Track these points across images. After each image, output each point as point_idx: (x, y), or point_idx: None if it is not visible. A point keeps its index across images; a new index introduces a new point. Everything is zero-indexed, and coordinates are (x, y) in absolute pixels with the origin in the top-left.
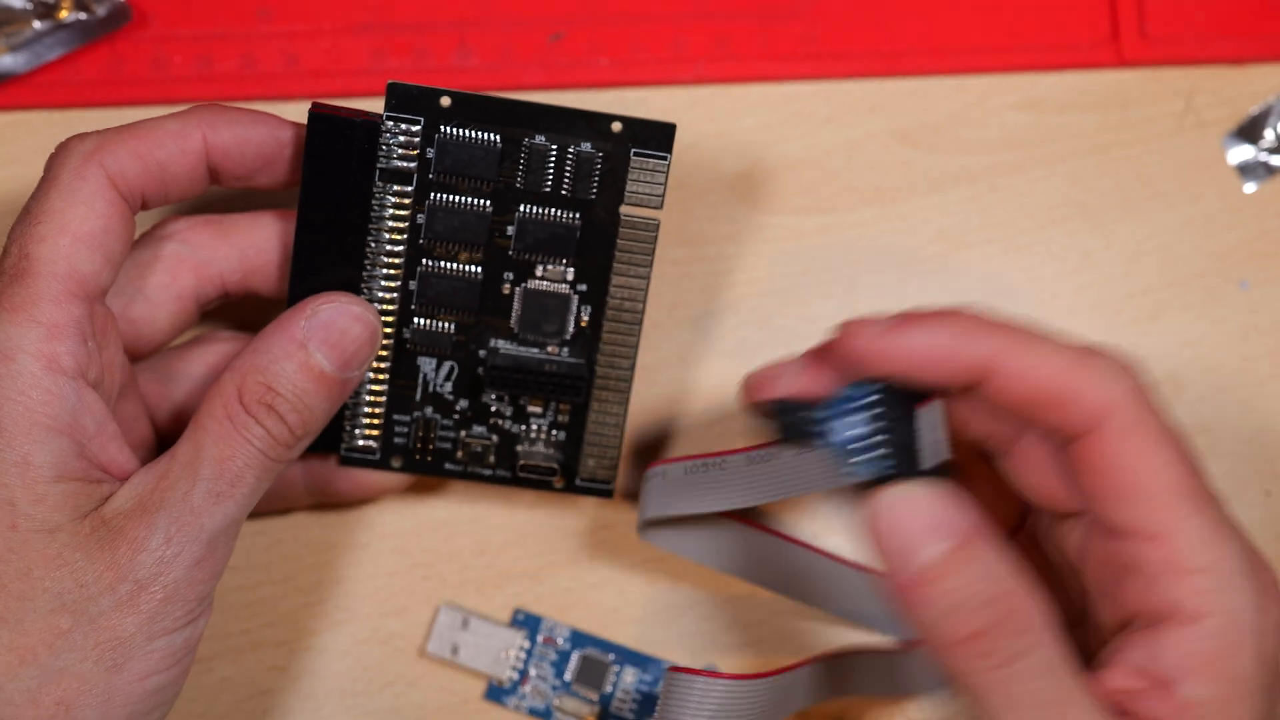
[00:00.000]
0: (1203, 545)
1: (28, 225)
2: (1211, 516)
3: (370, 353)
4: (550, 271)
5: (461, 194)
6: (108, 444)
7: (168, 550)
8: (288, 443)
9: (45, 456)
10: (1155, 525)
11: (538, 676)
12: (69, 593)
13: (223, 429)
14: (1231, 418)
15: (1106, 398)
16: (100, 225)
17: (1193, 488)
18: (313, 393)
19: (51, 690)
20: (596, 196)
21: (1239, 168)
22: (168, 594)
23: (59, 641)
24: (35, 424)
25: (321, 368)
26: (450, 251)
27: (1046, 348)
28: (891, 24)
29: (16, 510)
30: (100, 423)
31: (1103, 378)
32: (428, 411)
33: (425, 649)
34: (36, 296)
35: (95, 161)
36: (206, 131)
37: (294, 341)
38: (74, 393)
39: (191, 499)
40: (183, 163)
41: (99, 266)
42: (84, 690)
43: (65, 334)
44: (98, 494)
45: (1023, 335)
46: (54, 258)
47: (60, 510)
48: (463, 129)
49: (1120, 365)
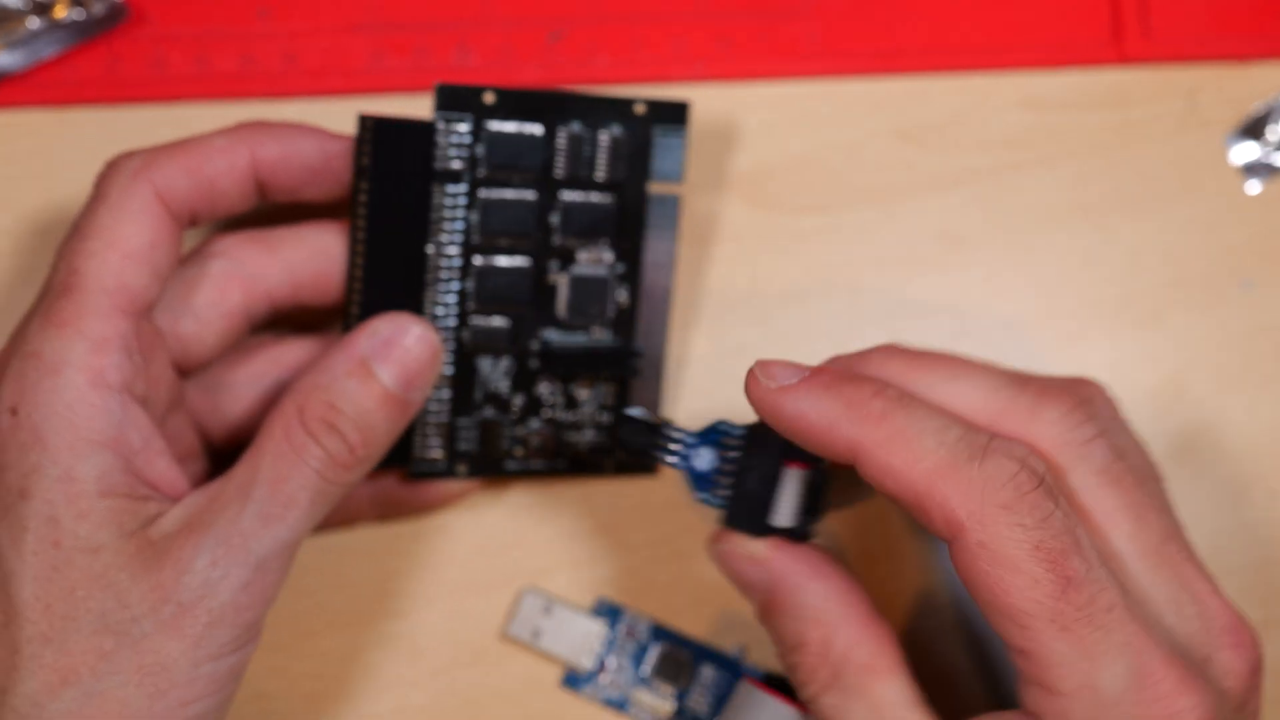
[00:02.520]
0: (1067, 670)
1: (76, 241)
2: (1080, 639)
3: (433, 373)
4: (591, 256)
5: (510, 187)
6: (155, 459)
7: (213, 572)
8: (347, 463)
9: (90, 471)
10: (1021, 644)
11: (616, 668)
12: (112, 613)
13: (279, 449)
14: (1235, 418)
15: (964, 510)
16: (148, 241)
17: (1057, 609)
18: (375, 412)
19: (92, 713)
20: (627, 177)
21: (1242, 167)
22: (212, 618)
23: (102, 664)
24: (80, 438)
25: (385, 386)
26: (501, 246)
27: (918, 445)
28: (892, 23)
29: (60, 527)
30: (147, 438)
31: (966, 487)
32: (488, 412)
33: (506, 631)
34: (83, 311)
35: (144, 178)
36: (254, 147)
37: (356, 360)
38: (120, 407)
39: (241, 521)
40: (231, 178)
41: (146, 282)
42: (125, 714)
43: (111, 348)
44: (144, 511)
45: (898, 427)
46: (101, 273)
47: (104, 528)
48: (506, 123)
49: (995, 470)
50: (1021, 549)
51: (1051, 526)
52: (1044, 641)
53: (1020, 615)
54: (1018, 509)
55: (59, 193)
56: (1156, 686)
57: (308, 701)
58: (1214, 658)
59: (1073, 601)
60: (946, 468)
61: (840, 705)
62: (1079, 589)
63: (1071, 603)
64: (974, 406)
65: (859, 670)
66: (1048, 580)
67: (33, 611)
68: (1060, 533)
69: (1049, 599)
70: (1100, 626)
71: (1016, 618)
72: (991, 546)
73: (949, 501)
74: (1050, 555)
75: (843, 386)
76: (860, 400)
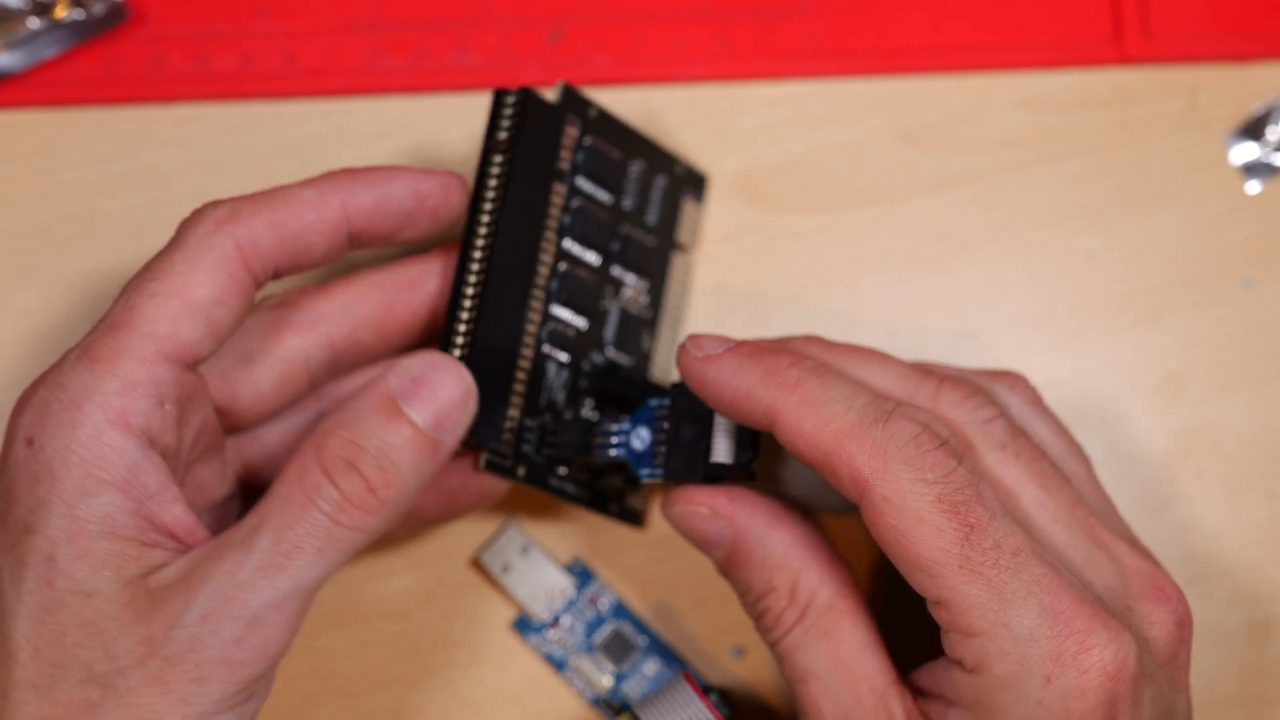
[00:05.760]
0: (980, 612)
1: (144, 279)
2: (989, 581)
3: (464, 417)
4: (634, 292)
5: (594, 202)
6: (170, 505)
7: (202, 627)
8: (366, 505)
9: (95, 511)
10: (934, 592)
11: (569, 629)
12: (99, 663)
13: (289, 493)
14: (1234, 418)
15: (868, 468)
16: (213, 295)
17: (964, 554)
18: (401, 449)
19: None
20: (663, 226)
21: (1242, 167)
22: (200, 674)
23: (87, 715)
24: (89, 475)
25: (413, 422)
26: (578, 258)
27: (828, 410)
28: (892, 22)
29: (56, 566)
30: (163, 484)
31: (871, 445)
32: (546, 420)
33: (478, 556)
34: (123, 351)
35: (227, 231)
36: (345, 198)
37: (384, 396)
38: (136, 450)
39: (240, 572)
40: (320, 230)
41: (200, 336)
42: None
43: (141, 393)
44: (148, 558)
45: (810, 394)
46: (157, 317)
47: (102, 571)
48: (600, 140)
49: (899, 430)
50: (924, 501)
51: (953, 481)
52: (954, 587)
53: (929, 564)
54: (919, 465)
55: (59, 193)
56: (1069, 624)
57: (307, 701)
58: (1134, 608)
59: (978, 546)
60: (853, 429)
61: (805, 644)
62: (983, 534)
63: (977, 547)
64: (883, 390)
65: (824, 610)
66: (951, 529)
67: (24, 654)
68: (962, 486)
69: (954, 545)
70: (1007, 569)
71: (926, 567)
72: (895, 501)
73: (854, 460)
74: (952, 505)
75: (763, 356)
76: (778, 369)
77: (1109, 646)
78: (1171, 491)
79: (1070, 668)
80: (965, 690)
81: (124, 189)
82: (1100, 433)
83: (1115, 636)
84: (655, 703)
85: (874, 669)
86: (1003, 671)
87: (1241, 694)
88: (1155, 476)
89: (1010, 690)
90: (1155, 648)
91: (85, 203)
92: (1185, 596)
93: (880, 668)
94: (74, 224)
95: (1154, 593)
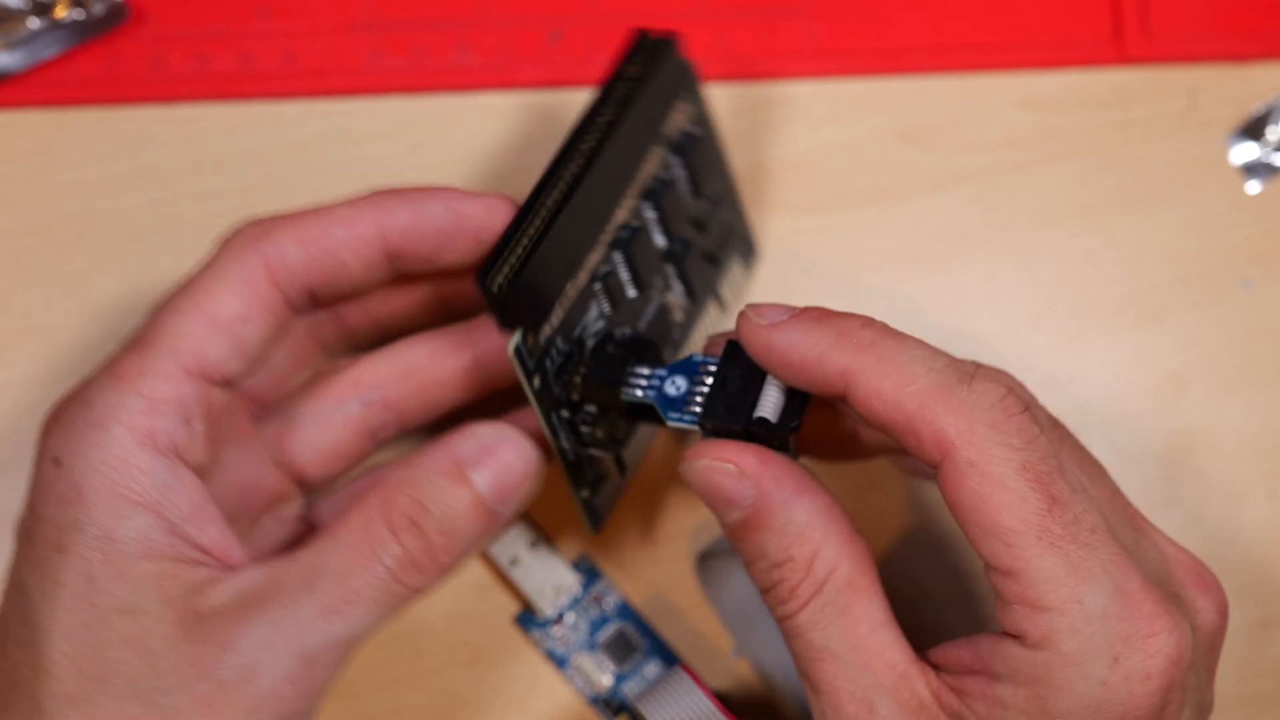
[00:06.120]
0: (1053, 586)
1: (172, 297)
2: (1066, 556)
3: (525, 493)
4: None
5: (676, 187)
6: (206, 526)
7: (259, 656)
8: (423, 566)
9: (128, 532)
10: (1007, 563)
11: (572, 626)
12: (142, 679)
13: (354, 539)
14: (1234, 418)
15: (953, 429)
16: (238, 312)
17: (1044, 526)
18: (463, 517)
19: None
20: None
21: (1242, 167)
22: (252, 704)
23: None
24: (119, 497)
25: (478, 492)
26: (649, 230)
27: (908, 370)
28: (893, 22)
29: (95, 586)
30: (197, 504)
31: (956, 406)
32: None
33: (487, 550)
34: (147, 369)
35: (255, 248)
36: (379, 215)
37: (453, 460)
38: (166, 469)
39: (298, 608)
40: (352, 247)
41: (225, 354)
42: None
43: (167, 411)
44: (192, 577)
45: (888, 354)
46: (180, 333)
47: (143, 590)
48: (701, 134)
49: (985, 392)
50: (1009, 467)
51: (1038, 448)
52: (1029, 559)
53: (1007, 533)
54: (1005, 429)
55: (59, 193)
56: (1139, 606)
57: None
58: (1181, 595)
59: (1059, 519)
60: (936, 389)
61: (822, 620)
62: (1064, 507)
63: (1058, 520)
64: None
65: (843, 586)
66: (1034, 498)
67: (61, 670)
68: (1046, 455)
69: (1035, 516)
70: (1085, 545)
71: (1003, 536)
72: (980, 465)
73: (939, 420)
74: (1037, 475)
75: (832, 319)
76: (850, 330)
77: (1174, 632)
78: (1171, 492)
79: (1139, 650)
80: (1022, 665)
81: (124, 189)
82: (1100, 433)
83: (1178, 623)
84: (655, 695)
85: (892, 647)
86: (1070, 649)
87: (1241, 694)
88: (1155, 476)
89: (1075, 668)
90: (1200, 635)
91: (85, 203)
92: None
93: (898, 646)
94: (74, 224)
95: (1199, 581)
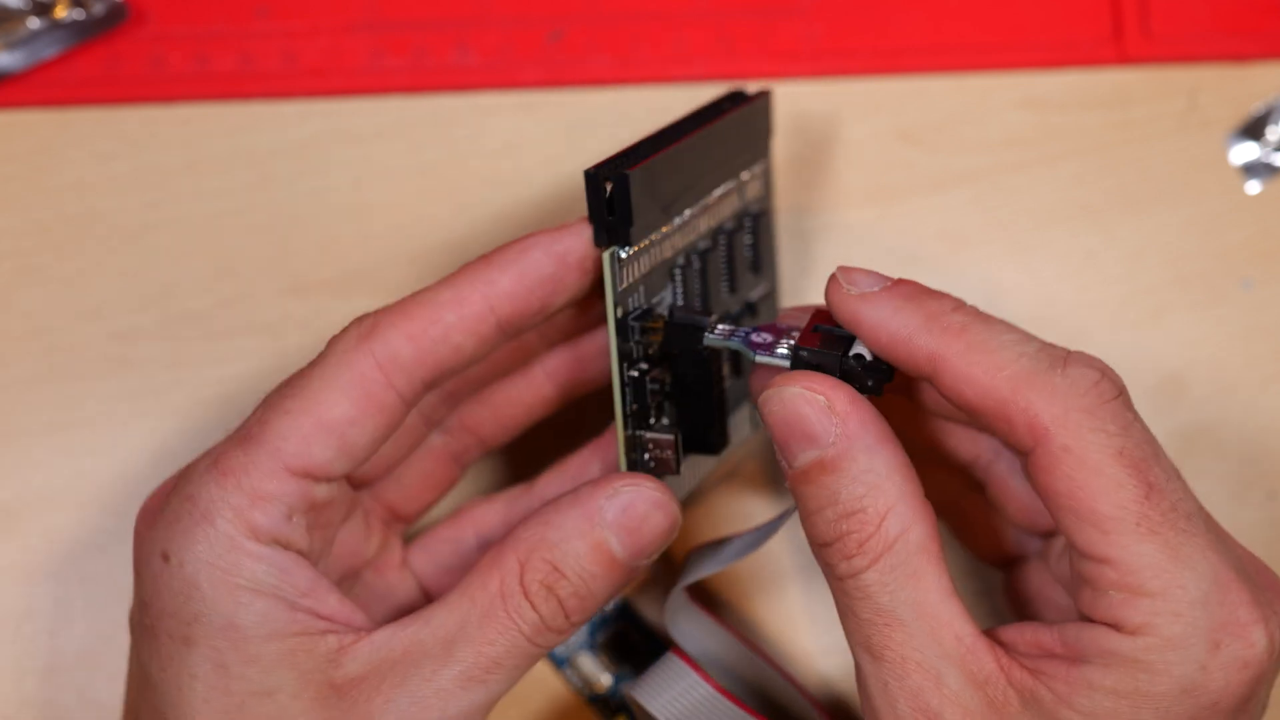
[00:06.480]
0: (1154, 572)
1: (282, 395)
2: (1166, 542)
3: (664, 544)
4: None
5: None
6: (325, 597)
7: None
8: (559, 629)
9: (250, 617)
10: (1104, 550)
11: None
12: None
13: (492, 607)
14: (1235, 418)
15: (1048, 415)
16: (348, 415)
17: (1142, 513)
18: (598, 578)
19: None
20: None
21: (1242, 167)
22: None
23: None
24: (235, 587)
25: (614, 553)
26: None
27: (1000, 355)
28: (893, 22)
29: (229, 673)
30: (312, 580)
31: (1050, 392)
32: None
33: None
34: (251, 466)
35: (365, 348)
36: (483, 289)
37: (590, 520)
38: (274, 554)
39: (439, 679)
40: (465, 329)
41: (331, 456)
42: None
43: (269, 506)
44: (322, 647)
45: (978, 339)
46: (287, 434)
47: (277, 670)
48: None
49: (1079, 377)
50: (1105, 453)
51: (1134, 435)
52: (1128, 545)
53: (1104, 520)
54: (1101, 415)
55: (59, 193)
56: (1238, 594)
57: None
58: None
59: (1157, 506)
60: (1029, 375)
61: (891, 583)
62: (1162, 494)
63: (1156, 507)
64: None
65: (915, 551)
66: (1132, 485)
67: None
68: (1142, 441)
69: (1133, 503)
70: (1184, 531)
71: (1100, 523)
72: (1076, 451)
73: (1032, 406)
74: (1134, 461)
75: (923, 299)
76: (940, 312)
77: (1269, 624)
78: None
79: (1239, 639)
80: (1118, 649)
81: (124, 189)
82: None
83: (1266, 618)
84: (649, 681)
85: (960, 618)
86: (1173, 633)
87: None
88: None
89: (1177, 651)
90: (1275, 646)
91: (85, 203)
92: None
93: (965, 618)
94: (74, 224)
95: (1273, 582)
